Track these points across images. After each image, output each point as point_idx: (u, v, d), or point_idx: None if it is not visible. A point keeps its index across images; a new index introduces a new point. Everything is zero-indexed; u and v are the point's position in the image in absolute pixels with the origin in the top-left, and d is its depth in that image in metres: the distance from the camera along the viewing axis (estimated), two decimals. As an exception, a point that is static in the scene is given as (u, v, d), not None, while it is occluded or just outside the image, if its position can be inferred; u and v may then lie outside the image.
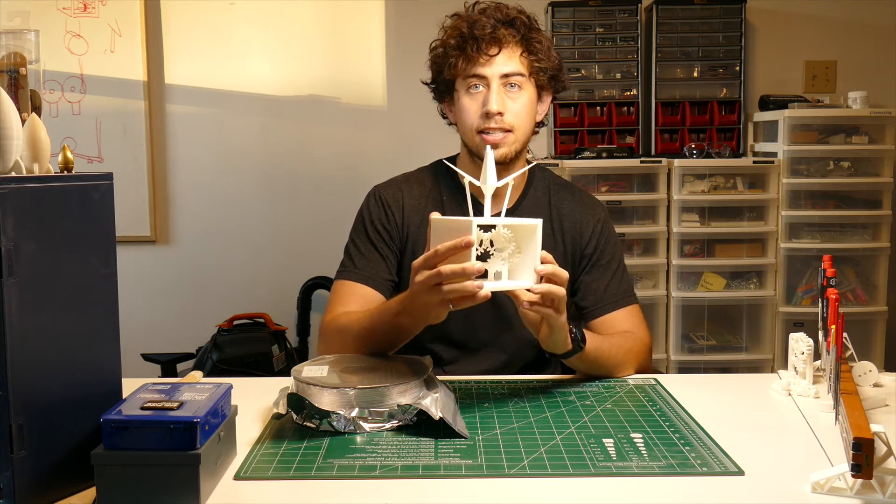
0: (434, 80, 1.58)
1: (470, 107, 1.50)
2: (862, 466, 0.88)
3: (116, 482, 0.90)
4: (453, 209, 1.56)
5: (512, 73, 1.48)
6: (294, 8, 3.19)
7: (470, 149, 1.54)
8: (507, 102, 1.48)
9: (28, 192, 0.90)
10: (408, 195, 1.58)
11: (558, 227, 1.58)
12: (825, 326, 1.26)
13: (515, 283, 1.19)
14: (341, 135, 3.23)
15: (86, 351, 0.97)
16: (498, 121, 1.47)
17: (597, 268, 1.57)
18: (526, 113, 1.51)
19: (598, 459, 1.04)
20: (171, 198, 3.26)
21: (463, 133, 1.54)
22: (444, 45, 1.52)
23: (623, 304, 1.55)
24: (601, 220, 1.60)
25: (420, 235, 1.55)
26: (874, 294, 2.91)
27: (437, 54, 1.54)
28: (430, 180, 1.61)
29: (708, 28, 3.07)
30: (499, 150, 1.48)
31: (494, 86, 1.47)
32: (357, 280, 1.53)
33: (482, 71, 1.48)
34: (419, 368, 1.24)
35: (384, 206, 1.57)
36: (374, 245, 1.55)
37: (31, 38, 1.04)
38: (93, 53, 3.15)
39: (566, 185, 1.65)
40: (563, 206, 1.60)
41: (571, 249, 1.57)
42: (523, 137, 1.52)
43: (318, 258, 3.15)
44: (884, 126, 2.85)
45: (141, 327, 3.10)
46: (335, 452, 1.07)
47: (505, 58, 1.48)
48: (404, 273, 1.55)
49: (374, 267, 1.54)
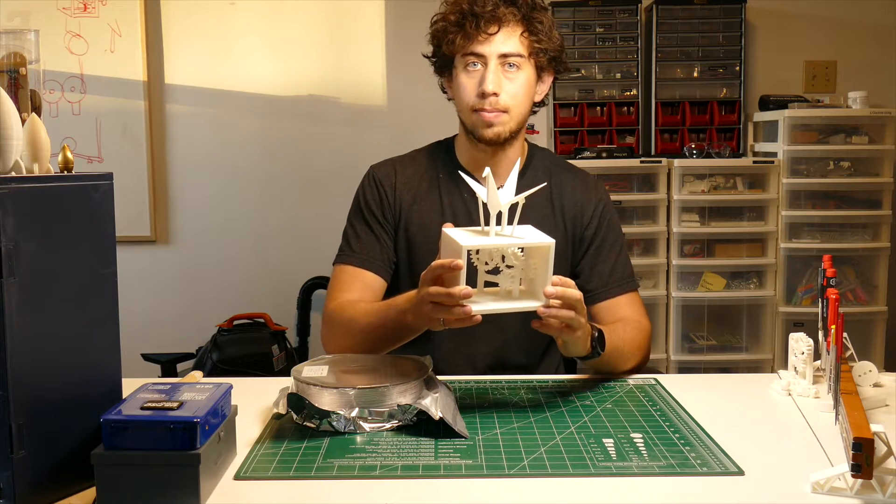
0: (434, 55, 1.57)
1: (466, 84, 1.49)
2: (862, 466, 0.88)
3: (116, 482, 0.90)
4: (449, 187, 1.56)
5: (510, 54, 1.46)
6: (294, 8, 3.19)
7: (466, 126, 1.53)
8: (504, 83, 1.47)
9: (28, 192, 0.90)
10: (401, 173, 1.59)
11: (559, 206, 1.57)
12: (825, 326, 1.26)
13: (517, 304, 1.18)
14: (341, 135, 3.23)
15: (86, 351, 0.97)
16: (493, 101, 1.46)
17: (600, 250, 1.57)
18: (523, 94, 1.49)
19: (598, 459, 1.04)
20: (171, 198, 3.26)
21: (460, 110, 1.54)
22: (444, 19, 1.51)
23: (626, 290, 1.56)
24: (602, 201, 1.60)
25: (413, 213, 1.55)
26: (874, 294, 2.91)
27: (437, 28, 1.52)
28: (425, 159, 1.62)
29: (708, 28, 3.07)
30: (492, 129, 1.48)
31: (492, 65, 1.46)
32: (356, 264, 1.53)
33: (480, 49, 1.46)
34: (419, 368, 1.24)
35: (377, 185, 1.58)
36: (371, 227, 1.56)
37: (31, 38, 1.04)
38: (93, 53, 3.15)
39: (566, 166, 1.65)
40: (564, 185, 1.59)
41: (572, 230, 1.57)
42: (519, 118, 1.50)
43: (318, 258, 3.14)
44: (884, 126, 2.85)
45: (141, 327, 3.10)
46: (335, 452, 1.07)
47: (504, 37, 1.46)
48: (400, 252, 1.56)
49: (372, 250, 1.54)
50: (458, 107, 1.53)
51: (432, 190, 1.57)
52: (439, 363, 1.48)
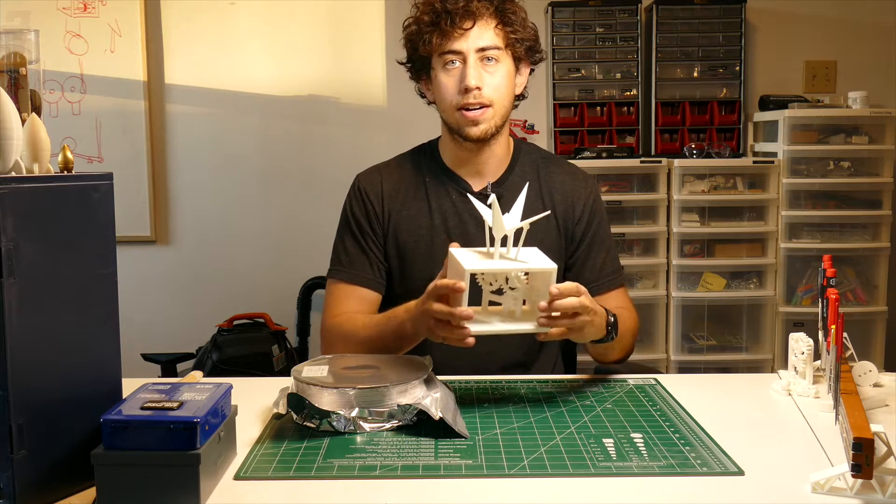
0: (410, 59, 1.57)
1: (448, 83, 1.49)
2: (862, 466, 0.88)
3: (116, 482, 0.90)
4: (436, 189, 1.56)
5: (488, 47, 1.47)
6: (294, 8, 3.19)
7: (451, 126, 1.53)
8: (485, 76, 1.47)
9: (28, 192, 0.90)
10: (386, 180, 1.59)
11: (549, 201, 1.57)
12: (825, 326, 1.26)
13: (515, 326, 1.22)
14: (341, 135, 3.23)
15: (86, 351, 0.97)
16: (476, 95, 1.46)
17: (591, 247, 1.58)
18: (505, 86, 1.50)
19: (598, 459, 1.04)
20: (171, 198, 3.26)
21: (443, 111, 1.53)
22: (417, 21, 1.51)
23: (616, 285, 1.58)
24: (592, 195, 1.60)
25: (402, 218, 1.56)
26: (874, 294, 2.91)
27: (411, 31, 1.53)
28: (410, 164, 1.62)
29: (708, 28, 3.07)
30: (479, 127, 1.48)
31: (471, 60, 1.46)
32: (348, 281, 1.55)
33: (457, 46, 1.47)
34: (419, 368, 1.24)
35: (363, 197, 1.58)
36: (359, 242, 1.56)
37: (31, 38, 1.04)
38: (93, 53, 3.15)
39: (554, 159, 1.65)
40: (553, 179, 1.59)
41: (564, 226, 1.57)
42: (502, 111, 1.51)
43: (318, 258, 3.12)
44: (884, 126, 2.85)
45: (141, 327, 3.10)
46: (335, 452, 1.07)
47: (479, 31, 1.47)
48: (392, 259, 1.57)
49: (362, 266, 1.55)
50: (441, 107, 1.53)
51: (419, 194, 1.57)
52: (439, 363, 1.48)
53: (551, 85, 3.07)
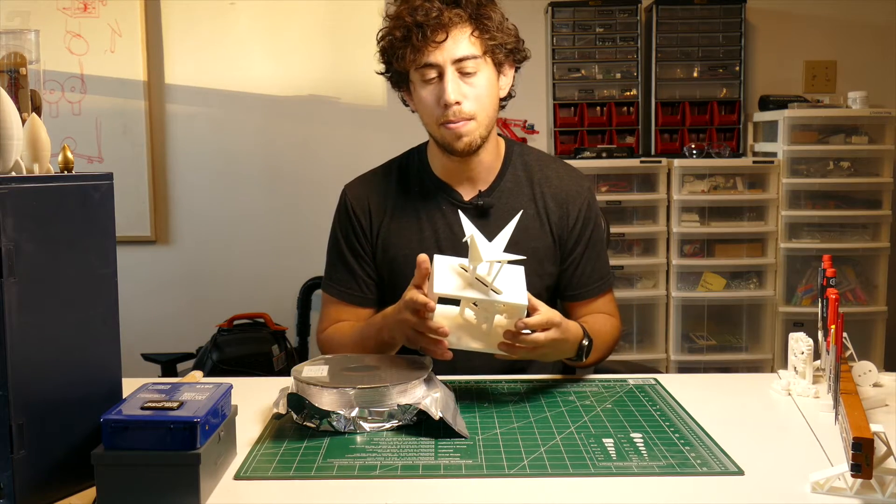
0: (387, 70, 1.51)
1: (427, 99, 1.44)
2: (862, 466, 0.88)
3: (116, 482, 0.90)
4: (426, 198, 1.55)
5: (465, 57, 1.40)
6: (294, 8, 3.19)
7: (437, 140, 1.50)
8: (464, 88, 1.42)
9: (28, 192, 0.90)
10: (375, 191, 1.58)
11: (542, 206, 1.55)
12: (825, 326, 1.26)
13: (479, 345, 1.26)
14: (341, 135, 3.23)
15: (86, 351, 0.97)
16: (457, 112, 1.42)
17: (584, 253, 1.57)
18: (486, 95, 1.44)
19: (598, 459, 1.04)
20: (171, 198, 3.26)
21: (426, 125, 1.51)
22: (389, 35, 1.45)
23: (604, 290, 1.59)
24: (587, 199, 1.58)
25: (392, 229, 1.55)
26: (874, 294, 2.91)
27: (384, 46, 1.47)
28: (398, 172, 1.60)
29: (708, 28, 3.07)
30: (463, 140, 1.45)
31: (448, 73, 1.40)
32: (337, 297, 1.58)
33: (432, 59, 1.40)
34: (419, 368, 1.24)
35: (350, 213, 1.57)
36: (346, 261, 1.57)
37: (31, 38, 1.04)
38: (93, 53, 3.15)
39: (549, 161, 1.62)
40: (548, 183, 1.57)
41: (559, 231, 1.56)
42: (486, 121, 1.47)
43: (318, 258, 3.10)
44: (883, 126, 2.85)
45: (141, 327, 3.10)
46: (335, 452, 1.07)
47: (454, 42, 1.40)
48: (382, 269, 1.57)
49: (349, 285, 1.57)
50: (424, 121, 1.50)
51: (408, 205, 1.56)
52: (439, 363, 1.48)
53: (551, 85, 3.07)
